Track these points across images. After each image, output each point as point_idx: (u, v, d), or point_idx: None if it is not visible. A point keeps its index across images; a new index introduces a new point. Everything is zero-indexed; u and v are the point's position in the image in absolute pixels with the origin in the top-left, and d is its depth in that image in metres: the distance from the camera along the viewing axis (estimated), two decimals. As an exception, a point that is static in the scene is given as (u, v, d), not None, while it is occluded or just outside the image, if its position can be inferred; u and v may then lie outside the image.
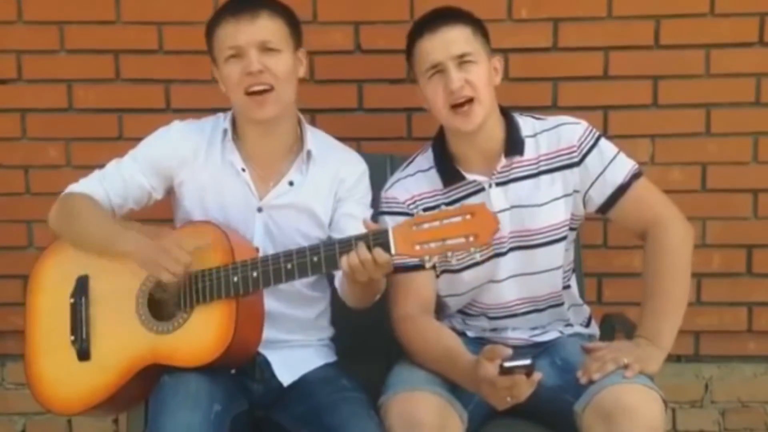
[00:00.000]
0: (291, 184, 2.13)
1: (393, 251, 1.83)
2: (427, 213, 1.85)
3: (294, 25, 2.11)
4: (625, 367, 1.94)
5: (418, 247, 1.81)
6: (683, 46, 2.60)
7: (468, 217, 1.79)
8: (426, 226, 1.81)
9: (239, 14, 2.04)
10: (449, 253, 1.81)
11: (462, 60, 2.04)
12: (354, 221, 2.04)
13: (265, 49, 2.04)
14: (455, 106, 2.04)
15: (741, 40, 2.59)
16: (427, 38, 2.06)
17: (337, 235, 2.07)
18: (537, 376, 1.83)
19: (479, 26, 2.11)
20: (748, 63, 2.60)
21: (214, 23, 2.09)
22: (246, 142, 2.14)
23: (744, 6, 2.57)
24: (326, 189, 2.15)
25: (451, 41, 2.04)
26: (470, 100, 2.04)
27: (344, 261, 1.85)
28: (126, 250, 1.99)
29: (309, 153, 2.14)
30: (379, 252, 1.83)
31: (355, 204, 2.15)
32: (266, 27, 2.04)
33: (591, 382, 1.94)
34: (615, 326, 2.30)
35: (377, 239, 1.84)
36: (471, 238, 1.78)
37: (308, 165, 2.14)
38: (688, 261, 2.10)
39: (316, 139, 2.18)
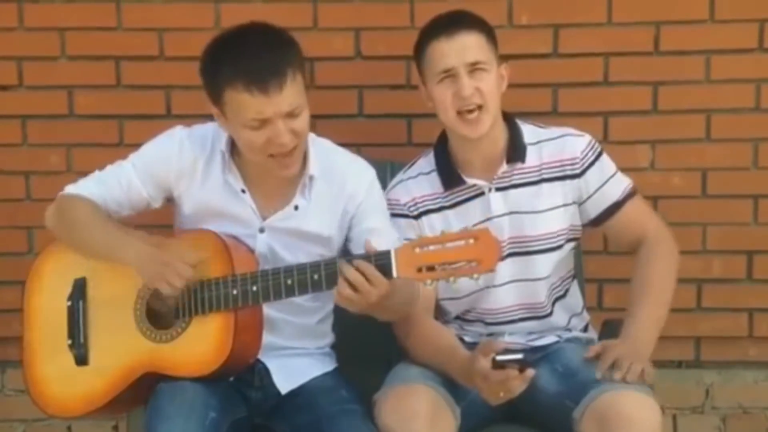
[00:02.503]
0: (296, 208, 2.08)
1: (395, 274, 1.82)
2: (431, 236, 1.86)
3: (303, 66, 2.00)
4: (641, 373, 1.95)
5: (419, 271, 1.80)
6: (683, 52, 2.60)
7: (471, 241, 1.77)
8: (428, 248, 1.79)
9: (267, 88, 1.88)
10: (451, 279, 1.80)
11: (475, 67, 2.05)
12: (376, 233, 2.01)
13: (292, 115, 1.94)
14: (462, 112, 2.06)
15: (741, 46, 2.59)
16: (442, 41, 2.07)
17: (361, 251, 1.96)
18: (530, 372, 1.84)
19: (491, 33, 2.13)
20: (747, 69, 2.60)
21: (231, 82, 1.91)
22: (246, 163, 2.07)
23: (744, 12, 2.58)
24: (332, 207, 2.10)
25: (466, 47, 2.06)
26: (479, 108, 2.05)
27: (337, 290, 1.83)
28: (127, 259, 1.97)
29: (311, 177, 2.08)
30: (369, 270, 1.80)
31: (371, 216, 2.10)
32: (292, 94, 1.92)
33: (591, 384, 1.94)
34: (616, 332, 2.29)
35: (379, 261, 1.83)
36: (474, 264, 1.77)
37: (311, 188, 2.08)
38: (675, 273, 2.14)
39: (319, 154, 2.10)
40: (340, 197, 2.10)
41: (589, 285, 2.55)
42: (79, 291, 2.07)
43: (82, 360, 2.04)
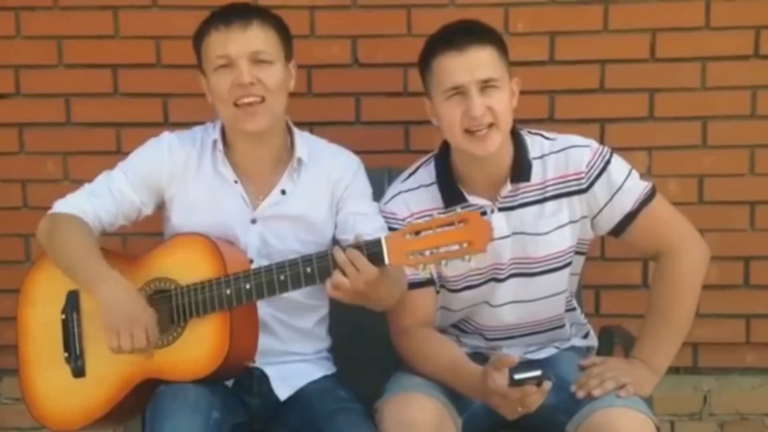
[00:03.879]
0: (283, 192, 2.11)
1: (387, 261, 1.83)
2: (420, 221, 1.83)
3: (286, 36, 2.08)
4: (621, 386, 1.94)
5: (411, 257, 1.80)
6: (679, 59, 2.61)
7: (461, 224, 1.78)
8: (419, 234, 1.80)
9: (230, 23, 2.00)
10: (443, 261, 1.79)
11: (486, 85, 1.96)
12: (362, 218, 2.05)
13: (257, 60, 2.00)
14: (471, 131, 1.98)
15: (736, 53, 2.61)
16: (453, 56, 1.97)
17: (346, 236, 2.04)
18: (547, 385, 1.82)
19: (504, 46, 2.04)
20: (743, 76, 2.61)
21: (203, 32, 2.05)
22: (236, 153, 2.12)
23: (739, 19, 2.59)
24: (321, 193, 2.13)
25: (478, 64, 1.96)
26: (489, 126, 1.98)
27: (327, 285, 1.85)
28: (101, 299, 1.95)
29: (299, 160, 2.12)
30: (356, 256, 1.82)
31: (357, 200, 2.12)
32: (258, 37, 2.01)
33: (586, 399, 1.94)
34: (614, 338, 2.30)
35: (370, 249, 1.84)
36: (465, 245, 1.77)
37: (299, 172, 2.12)
38: (697, 287, 2.08)
39: (306, 143, 2.15)
40: (327, 183, 2.13)
41: (587, 291, 2.55)
42: (73, 303, 2.06)
43: (79, 372, 2.04)
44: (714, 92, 2.62)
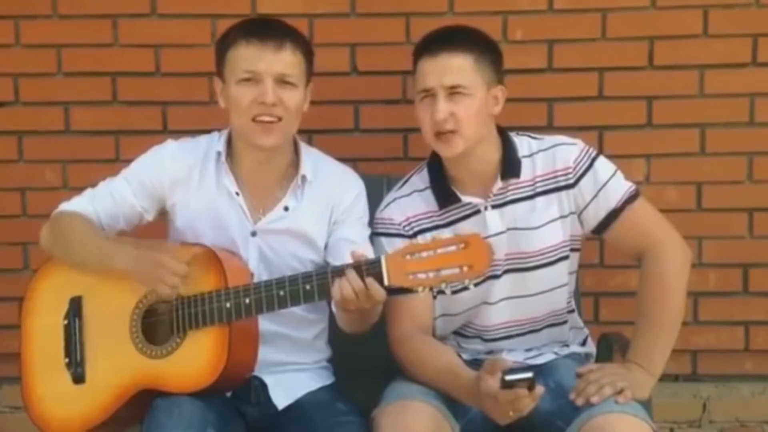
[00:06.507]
0: (286, 209, 2.11)
1: (386, 282, 1.82)
2: (421, 242, 1.83)
3: (311, 61, 2.11)
4: (619, 392, 1.94)
5: (411, 277, 1.79)
6: (677, 66, 2.62)
7: (462, 246, 1.77)
8: (419, 255, 1.79)
9: (265, 40, 2.01)
10: (443, 284, 1.79)
11: (453, 91, 2.01)
12: (351, 246, 2.03)
13: (283, 82, 2.02)
14: (438, 134, 2.04)
15: (734, 61, 2.61)
16: (426, 60, 2.04)
17: (333, 260, 2.07)
18: (539, 389, 1.82)
19: (487, 52, 2.07)
20: (741, 83, 2.62)
21: (232, 39, 2.05)
22: (241, 165, 2.12)
23: (737, 27, 2.60)
24: (321, 212, 2.14)
25: (447, 69, 2.01)
26: (452, 132, 2.02)
27: (335, 289, 1.85)
28: (121, 265, 1.98)
29: (303, 177, 2.13)
30: (372, 282, 1.82)
31: (351, 227, 2.13)
32: (288, 60, 2.03)
33: (585, 405, 1.93)
34: (612, 346, 2.30)
35: (370, 269, 1.83)
36: (465, 269, 1.77)
37: (303, 189, 2.13)
38: (681, 287, 2.09)
39: (311, 160, 2.16)
40: (328, 203, 2.14)
41: (586, 299, 2.55)
42: (75, 309, 2.06)
43: (79, 378, 2.04)
44: (712, 100, 2.62)
